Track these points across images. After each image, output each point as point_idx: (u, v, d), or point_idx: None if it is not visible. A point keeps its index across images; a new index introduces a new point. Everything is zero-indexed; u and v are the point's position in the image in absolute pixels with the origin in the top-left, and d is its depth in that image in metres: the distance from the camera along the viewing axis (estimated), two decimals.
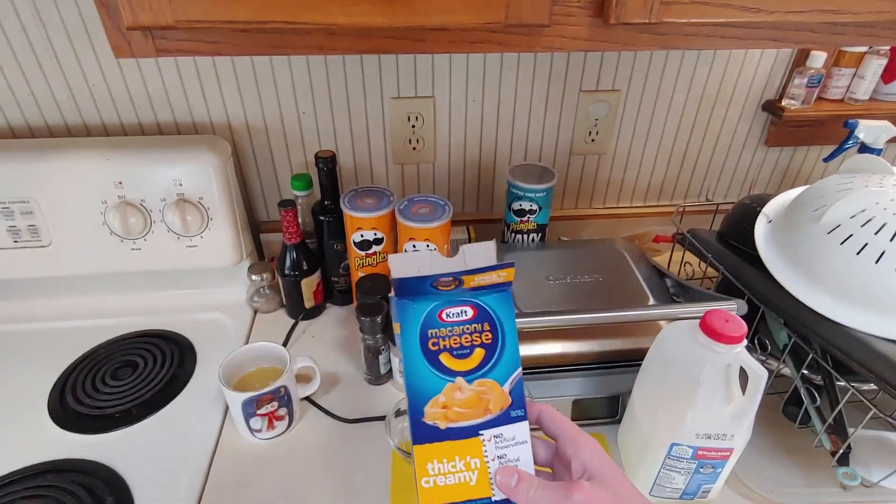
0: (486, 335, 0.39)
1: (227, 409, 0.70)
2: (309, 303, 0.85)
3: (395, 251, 0.76)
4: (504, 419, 0.38)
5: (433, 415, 0.38)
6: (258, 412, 0.64)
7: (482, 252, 0.40)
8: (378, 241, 0.74)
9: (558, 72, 0.84)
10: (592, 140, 0.91)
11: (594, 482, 0.35)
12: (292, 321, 0.85)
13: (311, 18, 0.43)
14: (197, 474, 0.63)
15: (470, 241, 0.90)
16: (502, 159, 0.92)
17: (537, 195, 0.80)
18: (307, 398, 0.71)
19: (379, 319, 0.69)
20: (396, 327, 0.39)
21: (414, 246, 0.72)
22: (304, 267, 0.81)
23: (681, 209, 0.86)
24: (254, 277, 0.85)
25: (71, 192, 0.74)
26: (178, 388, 0.73)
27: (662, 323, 0.68)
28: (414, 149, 0.88)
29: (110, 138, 0.79)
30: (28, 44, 0.73)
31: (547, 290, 0.72)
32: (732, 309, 0.64)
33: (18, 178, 0.73)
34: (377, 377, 0.75)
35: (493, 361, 0.39)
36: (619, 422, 0.69)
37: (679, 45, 0.51)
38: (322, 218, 0.80)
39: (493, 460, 0.37)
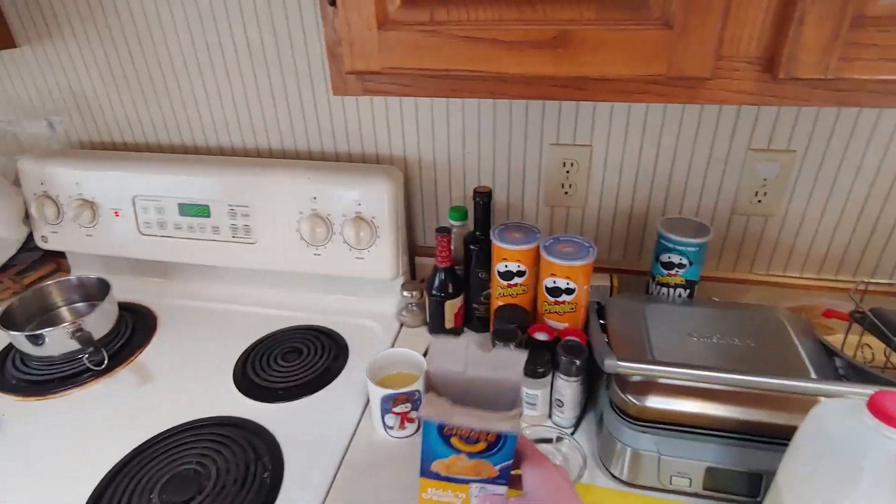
0: (491, 436, 0.49)
1: (367, 402, 0.78)
2: (450, 324, 0.91)
3: (536, 285, 0.79)
4: (489, 481, 0.51)
5: (437, 467, 0.51)
6: (393, 410, 0.71)
7: (513, 362, 0.50)
8: (520, 274, 0.78)
9: (725, 127, 0.82)
10: (759, 201, 0.86)
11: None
12: (433, 337, 0.92)
13: (487, 68, 0.51)
14: (335, 454, 0.71)
15: (612, 290, 0.89)
16: (655, 211, 0.91)
17: (688, 249, 0.78)
18: None
19: (512, 347, 0.73)
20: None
21: (554, 282, 0.75)
22: (450, 290, 0.89)
23: (862, 286, 0.77)
24: (405, 293, 0.95)
25: (278, 201, 0.92)
26: (330, 378, 0.84)
27: (821, 399, 0.61)
28: (566, 193, 0.92)
29: (311, 162, 0.96)
30: (269, 84, 0.94)
31: (689, 346, 0.69)
32: None
33: (243, 187, 0.93)
34: None
35: (492, 451, 0.50)
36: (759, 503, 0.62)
37: (862, 103, 0.48)
38: (472, 247, 0.87)
39: (475, 496, 0.52)
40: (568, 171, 0.90)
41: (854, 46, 0.44)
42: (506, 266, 0.78)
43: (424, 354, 0.86)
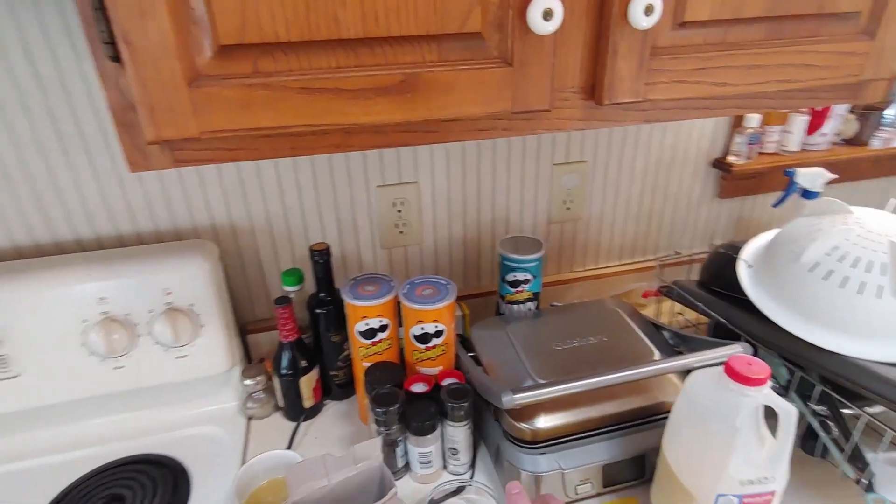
0: None
1: None
2: (308, 402, 0.80)
3: (399, 337, 0.75)
4: None
5: None
6: None
7: (370, 449, 0.55)
8: (383, 328, 0.73)
9: (531, 148, 0.89)
10: (568, 208, 0.96)
11: None
12: (292, 423, 0.80)
13: (333, 120, 0.45)
14: None
15: (465, 318, 0.90)
16: (486, 234, 0.95)
17: (530, 265, 0.82)
18: None
19: (395, 409, 0.67)
20: None
21: (422, 328, 0.71)
22: (303, 364, 0.78)
23: (661, 263, 0.91)
24: (247, 382, 0.80)
25: (47, 314, 0.69)
26: None
27: (672, 377, 0.70)
28: (401, 232, 0.90)
29: (88, 253, 0.75)
30: (17, 159, 0.71)
31: (558, 357, 0.73)
32: (739, 352, 0.67)
33: None
34: (395, 470, 0.71)
35: None
36: (647, 481, 0.68)
37: (660, 119, 0.56)
38: (318, 311, 0.79)
39: None
40: (399, 211, 0.88)
41: (654, 72, 0.51)
42: (367, 324, 0.72)
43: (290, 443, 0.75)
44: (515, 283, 0.84)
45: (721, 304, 0.78)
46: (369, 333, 0.73)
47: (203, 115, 0.42)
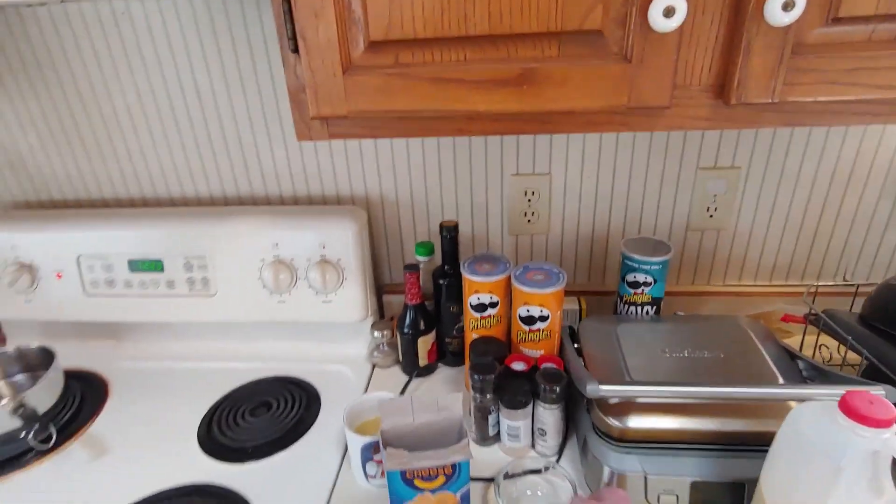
0: (447, 469, 0.57)
1: (345, 452, 0.75)
2: (423, 361, 0.90)
3: (510, 314, 0.80)
4: None
5: None
6: (375, 458, 0.68)
7: (453, 401, 0.60)
8: (493, 305, 0.78)
9: (674, 149, 0.86)
10: (711, 216, 0.90)
11: None
12: (407, 377, 0.90)
13: (455, 107, 0.51)
14: None
15: (581, 313, 0.91)
16: (616, 233, 0.94)
17: (652, 268, 0.80)
18: None
19: (491, 379, 0.72)
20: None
21: (528, 310, 0.75)
22: (422, 326, 0.87)
23: (813, 289, 0.81)
24: (375, 334, 0.92)
25: (238, 250, 0.88)
26: (303, 430, 0.80)
27: (792, 404, 0.63)
28: (529, 221, 0.94)
29: (271, 207, 0.94)
30: (221, 130, 0.92)
31: (663, 363, 0.71)
32: (880, 394, 0.58)
33: (199, 238, 0.89)
34: (484, 438, 0.76)
35: (450, 482, 0.58)
36: None
37: (806, 122, 0.52)
38: (441, 282, 0.87)
39: None
40: (529, 200, 0.92)
41: (797, 72, 0.47)
42: (478, 298, 0.78)
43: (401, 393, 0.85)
44: (635, 285, 0.82)
45: (878, 341, 0.68)
46: (480, 308, 0.79)
47: (352, 98, 0.52)
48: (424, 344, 0.88)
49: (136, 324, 0.97)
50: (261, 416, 0.83)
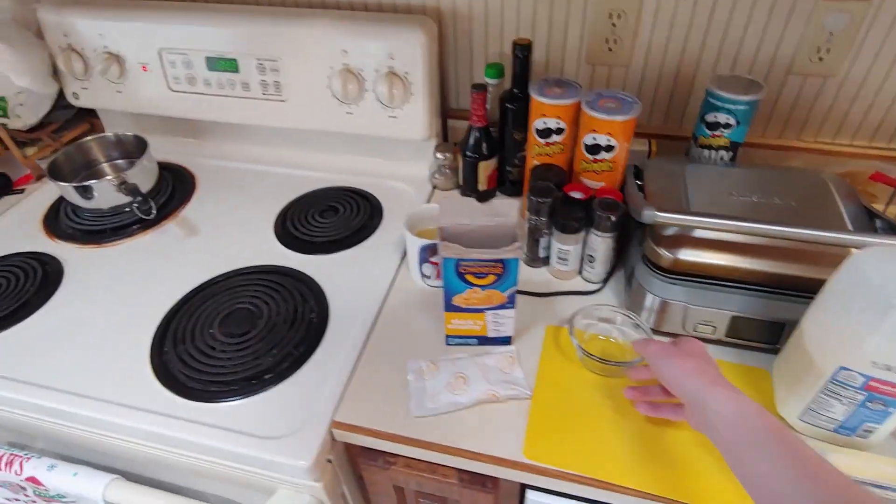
0: (498, 268, 0.60)
1: (404, 255, 0.82)
2: (483, 185, 0.92)
3: (574, 144, 0.78)
4: (500, 307, 0.65)
5: (458, 301, 0.64)
6: (430, 259, 0.74)
7: (508, 208, 0.63)
8: (559, 131, 0.77)
9: None
10: (820, 58, 0.80)
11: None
12: (465, 199, 0.93)
13: None
14: (376, 299, 0.76)
15: (650, 155, 0.87)
16: (704, 72, 0.86)
17: (737, 107, 0.74)
18: None
19: (548, 203, 0.73)
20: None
21: (594, 138, 0.73)
22: (484, 150, 0.88)
23: None
24: (438, 155, 0.94)
25: (308, 55, 0.88)
26: (366, 234, 0.87)
27: (854, 250, 0.61)
28: (610, 49, 0.87)
29: (341, 11, 0.91)
30: None
31: (728, 204, 0.69)
32: None
33: (271, 40, 0.89)
34: (534, 259, 0.80)
35: (499, 282, 0.62)
36: (776, 352, 0.66)
37: None
38: (509, 105, 0.85)
39: (490, 322, 0.66)
40: (614, 24, 0.84)
41: None
42: (544, 123, 0.76)
43: None
44: (714, 126, 0.77)
45: None
46: (545, 133, 0.77)
47: None
48: (485, 168, 0.89)
49: (216, 123, 1.03)
50: (329, 219, 0.90)
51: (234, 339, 0.71)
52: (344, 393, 0.65)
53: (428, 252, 0.73)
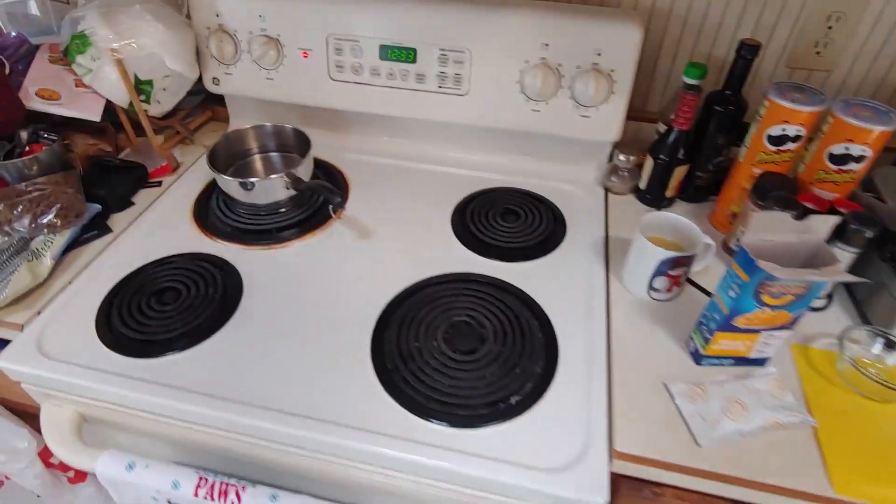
0: (801, 289, 0.56)
1: (606, 265, 0.78)
2: (671, 192, 0.87)
3: (806, 152, 0.74)
4: (779, 328, 0.61)
5: (740, 321, 0.60)
6: (669, 272, 0.69)
7: (820, 225, 0.58)
8: (796, 139, 0.72)
9: None
10: None
11: None
12: (644, 207, 0.89)
13: None
14: (597, 313, 0.71)
15: None
16: None
17: None
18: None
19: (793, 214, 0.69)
20: (739, 269, 0.57)
21: (847, 148, 0.69)
22: (681, 155, 0.83)
23: None
24: (621, 157, 0.89)
25: (503, 46, 0.82)
26: (556, 242, 0.82)
27: None
28: (818, 53, 0.83)
29: (546, 2, 0.84)
30: None
31: None
32: None
33: (461, 30, 0.82)
34: None
35: (795, 302, 0.58)
36: None
37: None
38: (717, 108, 0.80)
39: (759, 343, 0.63)
40: (830, 27, 0.80)
41: None
42: (783, 129, 0.72)
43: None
44: None
45: None
46: (781, 140, 0.73)
47: None
48: (679, 174, 0.85)
49: (363, 115, 0.95)
50: (511, 223, 0.85)
51: (464, 355, 0.66)
52: (611, 419, 0.60)
53: (670, 265, 0.69)
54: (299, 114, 0.98)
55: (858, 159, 0.70)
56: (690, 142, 0.84)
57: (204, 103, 1.04)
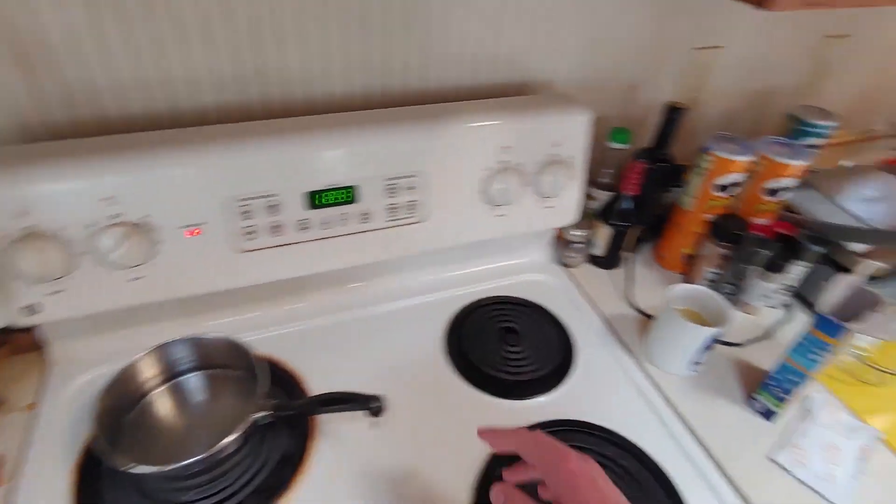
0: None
1: (621, 343, 0.76)
2: (626, 252, 0.88)
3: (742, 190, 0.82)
4: None
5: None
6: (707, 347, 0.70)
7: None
8: (736, 184, 0.80)
9: None
10: None
11: None
12: (602, 271, 0.89)
13: None
14: (666, 416, 0.68)
15: None
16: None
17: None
18: None
19: (765, 250, 0.76)
20: (821, 335, 0.60)
21: (778, 182, 0.79)
22: (634, 217, 0.84)
23: None
24: (575, 233, 0.86)
25: (460, 160, 0.70)
26: (571, 349, 0.75)
27: None
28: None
29: (488, 101, 0.74)
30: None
31: None
32: None
33: (410, 151, 0.67)
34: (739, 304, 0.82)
35: None
36: None
37: None
38: (653, 166, 0.83)
39: None
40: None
41: None
42: (729, 177, 0.79)
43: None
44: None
45: None
46: (726, 187, 0.80)
47: None
48: (632, 234, 0.86)
49: (312, 276, 0.71)
50: (514, 343, 0.74)
51: None
52: None
53: (713, 339, 0.69)
54: (184, 308, 0.68)
55: (785, 189, 0.80)
56: (639, 203, 0.86)
57: None
